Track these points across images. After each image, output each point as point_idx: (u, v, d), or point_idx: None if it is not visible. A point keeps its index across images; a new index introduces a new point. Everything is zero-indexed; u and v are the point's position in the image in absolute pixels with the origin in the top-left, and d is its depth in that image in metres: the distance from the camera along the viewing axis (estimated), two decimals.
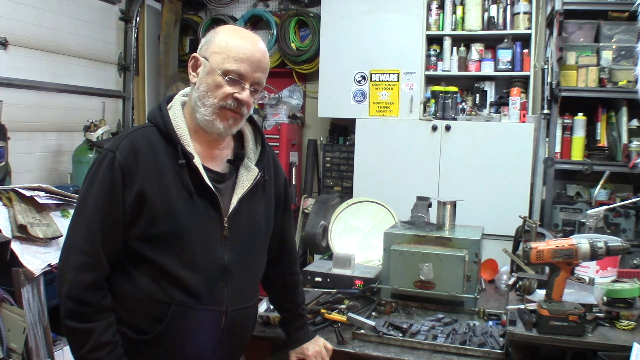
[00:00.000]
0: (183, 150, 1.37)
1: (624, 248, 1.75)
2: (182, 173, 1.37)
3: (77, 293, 1.30)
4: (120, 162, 1.33)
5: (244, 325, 1.51)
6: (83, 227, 1.33)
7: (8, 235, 2.09)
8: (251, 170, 1.48)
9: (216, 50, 1.37)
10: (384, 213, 2.81)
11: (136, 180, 1.33)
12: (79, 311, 1.31)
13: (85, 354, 1.31)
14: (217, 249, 1.40)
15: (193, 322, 1.37)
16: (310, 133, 4.24)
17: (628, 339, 1.69)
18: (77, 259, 1.32)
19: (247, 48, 1.38)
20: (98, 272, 1.33)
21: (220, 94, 1.37)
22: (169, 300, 1.36)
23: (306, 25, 4.07)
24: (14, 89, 3.07)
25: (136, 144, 1.36)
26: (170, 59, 4.22)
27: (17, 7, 3.09)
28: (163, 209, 1.34)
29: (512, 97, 3.31)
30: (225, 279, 1.41)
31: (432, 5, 3.50)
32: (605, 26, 3.14)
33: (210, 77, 1.38)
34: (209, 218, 1.40)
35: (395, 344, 1.84)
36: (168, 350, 1.38)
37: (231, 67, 1.36)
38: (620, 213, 2.90)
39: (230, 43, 1.38)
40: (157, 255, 1.35)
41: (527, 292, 2.04)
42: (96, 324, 1.31)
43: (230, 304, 1.42)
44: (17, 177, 2.98)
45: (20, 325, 2.02)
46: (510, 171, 3.20)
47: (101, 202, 1.32)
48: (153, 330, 1.36)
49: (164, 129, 1.40)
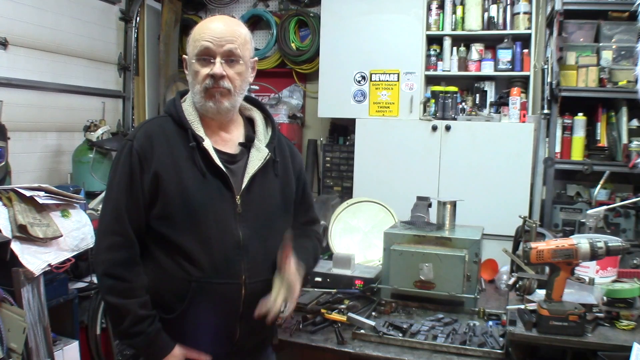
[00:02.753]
0: (193, 134, 1.49)
1: (624, 248, 1.76)
2: (194, 155, 1.47)
3: (114, 270, 1.42)
4: (137, 149, 1.46)
5: (266, 297, 1.51)
6: (111, 211, 1.46)
7: (8, 235, 2.09)
8: (261, 151, 1.57)
9: (189, 43, 1.54)
10: (384, 213, 2.82)
11: (152, 164, 1.45)
12: (117, 287, 1.42)
13: (126, 328, 1.42)
14: (230, 225, 1.48)
15: (213, 296, 1.45)
16: (310, 133, 4.24)
17: (628, 339, 1.70)
18: (109, 240, 1.44)
19: (209, 27, 1.50)
20: (130, 249, 1.45)
21: (200, 78, 1.50)
22: (189, 278, 1.44)
23: (306, 25, 4.07)
24: (14, 89, 3.07)
25: (151, 132, 1.50)
26: (170, 59, 4.22)
27: (17, 7, 3.09)
28: (177, 189, 1.45)
29: (512, 97, 3.31)
30: (240, 253, 1.48)
31: (432, 5, 3.50)
32: (605, 26, 3.13)
33: (190, 69, 1.53)
34: (222, 196, 1.49)
35: (395, 344, 1.84)
36: (194, 326, 1.47)
37: (198, 48, 1.49)
38: (620, 213, 2.90)
39: (195, 30, 1.53)
40: (175, 233, 1.45)
41: (527, 292, 2.05)
42: (135, 300, 1.42)
43: (248, 277, 1.48)
44: (17, 177, 2.98)
45: (20, 325, 2.02)
46: (510, 171, 3.20)
47: (124, 187, 1.45)
48: (178, 308, 1.45)
49: (176, 117, 1.53)
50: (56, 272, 2.25)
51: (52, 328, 2.22)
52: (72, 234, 2.32)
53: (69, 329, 2.44)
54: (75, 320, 2.46)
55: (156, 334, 1.44)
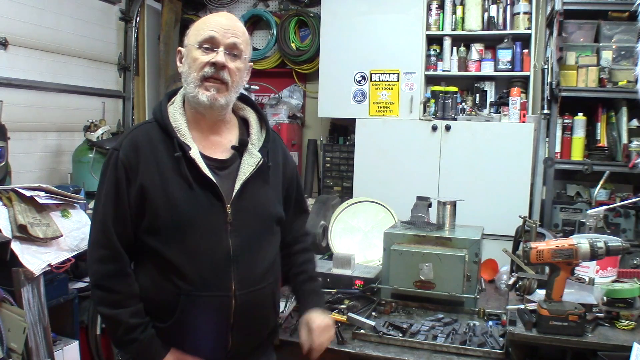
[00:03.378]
0: (179, 142, 1.44)
1: (624, 248, 1.75)
2: (179, 165, 1.43)
3: (103, 282, 1.42)
4: (123, 159, 1.42)
5: (258, 305, 1.51)
6: (98, 223, 1.44)
7: (8, 235, 2.09)
8: (254, 156, 1.52)
9: (192, 33, 1.49)
10: (384, 213, 2.82)
11: (138, 175, 1.41)
12: (107, 299, 1.42)
13: (120, 337, 1.43)
14: (220, 235, 1.45)
15: (203, 309, 1.43)
16: (310, 133, 4.24)
17: (628, 339, 1.70)
18: (97, 253, 1.44)
19: (215, 19, 1.48)
20: (118, 262, 1.43)
21: (199, 64, 1.44)
22: (178, 291, 1.42)
23: (306, 25, 4.07)
24: (14, 89, 3.07)
25: (137, 141, 1.45)
26: (170, 59, 4.22)
27: (18, 7, 3.09)
28: (164, 201, 1.41)
29: (512, 97, 3.31)
30: (230, 264, 1.45)
31: (432, 5, 3.50)
32: (605, 26, 3.13)
33: (189, 56, 1.47)
34: (211, 206, 1.44)
35: (395, 344, 1.84)
36: (185, 336, 1.46)
37: (203, 36, 1.45)
38: (620, 213, 2.90)
39: (199, 22, 1.50)
40: (163, 246, 1.42)
41: (527, 292, 2.04)
42: (125, 309, 1.41)
43: (238, 288, 1.45)
44: (17, 177, 2.98)
45: (20, 325, 2.02)
46: (510, 171, 3.20)
47: (110, 199, 1.43)
48: (169, 319, 1.44)
49: (162, 124, 1.47)
50: (56, 272, 2.25)
51: (52, 328, 2.22)
52: (72, 234, 2.32)
53: (69, 329, 2.44)
54: (75, 320, 2.46)
55: (149, 341, 1.44)
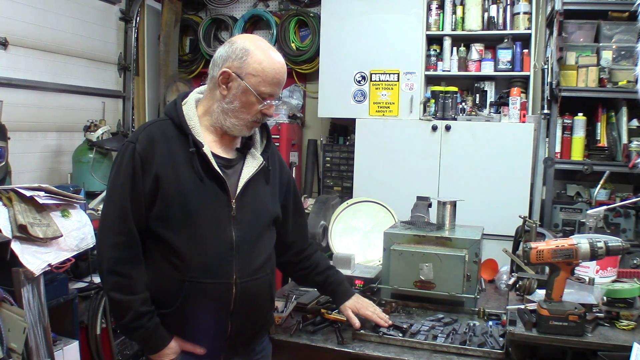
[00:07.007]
0: (193, 139, 1.55)
1: (624, 248, 1.75)
2: (193, 159, 1.54)
3: (118, 267, 1.50)
4: (139, 152, 1.51)
5: (257, 293, 1.62)
6: (115, 210, 1.52)
7: (8, 235, 2.09)
8: (256, 158, 1.67)
9: (252, 72, 1.53)
10: (384, 213, 2.81)
11: (153, 167, 1.51)
12: (121, 284, 1.50)
13: (127, 323, 1.50)
14: (224, 227, 1.56)
15: (205, 295, 1.53)
16: (310, 133, 4.24)
17: (628, 339, 1.69)
18: (113, 239, 1.51)
19: (280, 72, 1.58)
20: (134, 248, 1.53)
21: (254, 111, 1.57)
22: (182, 277, 1.52)
23: (306, 25, 4.07)
24: (14, 89, 3.07)
25: (153, 135, 1.55)
26: (170, 59, 4.22)
27: (18, 7, 3.10)
28: (176, 191, 1.51)
29: (512, 97, 3.31)
30: (232, 254, 1.56)
31: (432, 5, 3.50)
32: (605, 26, 3.13)
33: (244, 96, 1.55)
34: (218, 199, 1.56)
35: (395, 344, 1.84)
36: (187, 322, 1.55)
37: (266, 90, 1.55)
38: (620, 213, 2.90)
39: (266, 67, 1.54)
40: (171, 234, 1.52)
41: (527, 292, 2.04)
42: (136, 296, 1.50)
43: (239, 277, 1.56)
44: (17, 177, 2.98)
45: (20, 325, 2.02)
46: (510, 171, 3.20)
47: (127, 188, 1.51)
48: (173, 304, 1.53)
49: (177, 122, 1.57)
50: (56, 272, 2.25)
51: (52, 328, 2.22)
52: (72, 234, 2.32)
53: (69, 329, 2.45)
54: (75, 320, 2.46)
55: (154, 329, 1.53)
